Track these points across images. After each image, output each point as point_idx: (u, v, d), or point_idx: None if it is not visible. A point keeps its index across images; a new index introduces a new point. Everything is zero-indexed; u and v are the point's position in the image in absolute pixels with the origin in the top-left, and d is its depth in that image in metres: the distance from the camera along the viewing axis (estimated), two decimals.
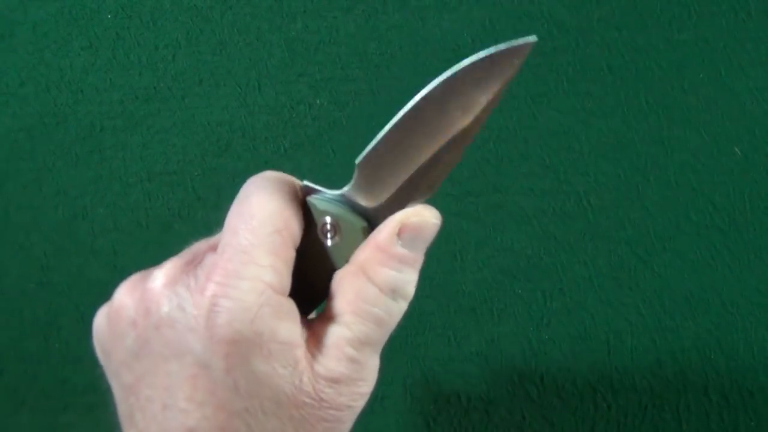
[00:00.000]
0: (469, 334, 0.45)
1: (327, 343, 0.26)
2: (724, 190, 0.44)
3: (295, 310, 0.27)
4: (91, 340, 0.30)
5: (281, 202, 0.27)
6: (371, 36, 0.47)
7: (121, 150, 0.49)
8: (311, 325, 0.27)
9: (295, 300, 0.27)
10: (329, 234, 0.28)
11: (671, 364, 0.44)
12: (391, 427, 0.46)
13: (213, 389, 0.25)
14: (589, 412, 0.44)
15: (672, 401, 0.43)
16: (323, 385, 0.26)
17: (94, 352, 0.31)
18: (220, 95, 0.48)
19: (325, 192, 0.28)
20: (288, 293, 0.27)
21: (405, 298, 0.27)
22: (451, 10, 0.46)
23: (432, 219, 0.27)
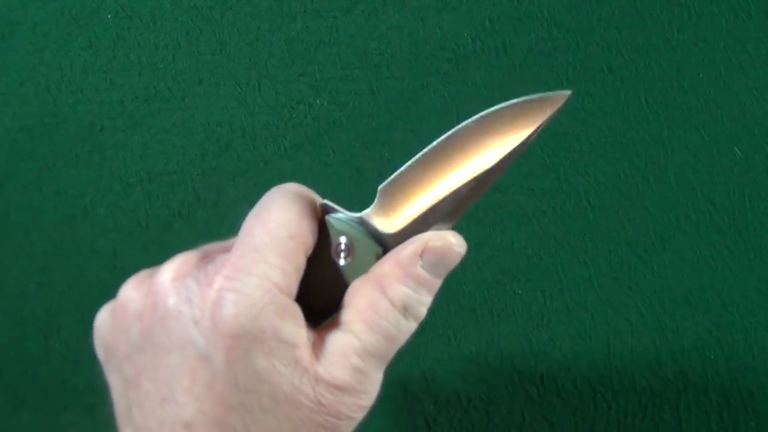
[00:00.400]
0: (469, 334, 0.45)
1: (334, 350, 0.27)
2: (724, 190, 0.44)
3: (300, 313, 0.27)
4: (92, 340, 0.30)
5: (299, 211, 0.27)
6: (371, 36, 0.47)
7: (121, 150, 0.49)
8: (319, 331, 0.28)
9: (302, 310, 0.27)
10: (343, 254, 0.29)
11: (671, 364, 0.44)
12: (391, 427, 0.46)
13: (212, 382, 0.25)
14: (589, 412, 0.44)
15: (672, 401, 0.43)
16: (324, 390, 0.26)
17: (94, 352, 0.31)
18: (220, 95, 0.48)
19: (344, 213, 0.29)
20: (294, 297, 0.27)
21: (416, 318, 0.28)
22: (451, 10, 0.46)
23: (456, 247, 0.28)
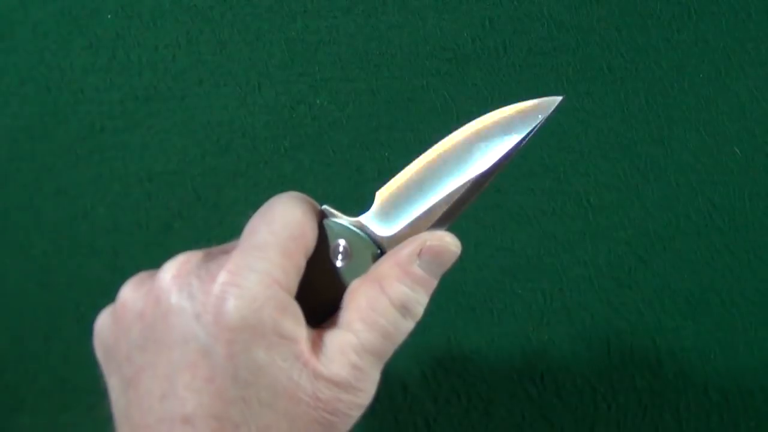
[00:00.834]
0: (469, 334, 0.45)
1: (332, 347, 0.27)
2: (724, 190, 0.44)
3: (300, 311, 0.27)
4: (92, 339, 0.30)
5: (302, 214, 0.28)
6: (371, 36, 0.47)
7: (121, 150, 0.49)
8: (318, 329, 0.28)
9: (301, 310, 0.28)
10: (341, 256, 0.30)
11: (671, 364, 0.44)
12: (391, 427, 0.46)
13: (212, 376, 0.26)
14: (589, 412, 0.44)
15: (672, 401, 0.43)
16: (322, 386, 0.26)
17: (94, 352, 0.31)
18: (220, 95, 0.48)
19: (342, 217, 0.30)
20: (294, 296, 0.28)
21: (414, 317, 0.29)
22: (451, 10, 0.46)
23: (452, 246, 0.29)
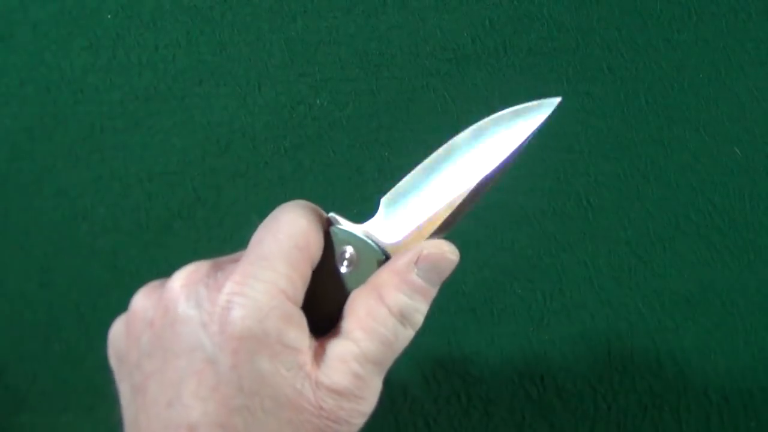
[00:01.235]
0: (469, 334, 0.45)
1: (334, 356, 0.27)
2: (724, 190, 0.44)
3: (305, 321, 0.28)
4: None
5: (308, 224, 0.28)
6: (371, 36, 0.47)
7: (121, 150, 0.49)
8: (320, 339, 0.28)
9: (306, 318, 0.28)
10: (346, 263, 0.30)
11: (671, 364, 0.44)
12: (391, 427, 0.46)
13: (216, 385, 0.26)
14: (589, 412, 0.44)
15: (672, 401, 0.43)
16: (325, 395, 0.27)
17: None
18: (220, 95, 0.48)
19: (348, 224, 0.30)
20: (300, 306, 0.28)
21: (413, 326, 0.29)
22: (451, 10, 0.46)
23: (450, 254, 0.29)
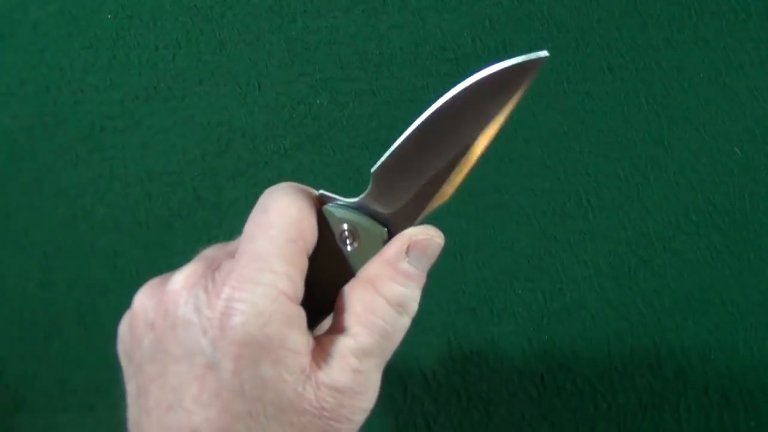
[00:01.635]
0: (469, 334, 0.45)
1: (332, 354, 0.27)
2: (724, 190, 0.44)
3: (305, 319, 0.27)
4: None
5: (298, 212, 0.28)
6: (371, 36, 0.47)
7: (121, 150, 0.49)
8: (319, 338, 0.28)
9: (306, 309, 0.28)
10: (348, 240, 0.29)
11: (671, 364, 0.44)
12: (392, 427, 0.46)
13: (218, 391, 0.26)
14: (589, 412, 0.44)
15: (672, 401, 0.43)
16: (325, 394, 0.27)
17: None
18: (220, 95, 0.48)
19: (341, 200, 0.29)
20: (301, 301, 0.28)
21: (409, 314, 0.29)
22: (451, 10, 0.46)
23: (437, 238, 0.29)
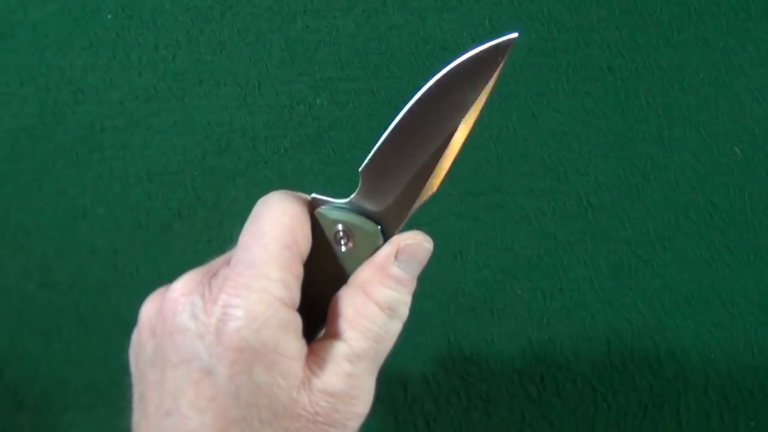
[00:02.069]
0: (469, 334, 0.45)
1: (326, 358, 0.28)
2: (724, 190, 0.44)
3: (300, 325, 0.28)
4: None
5: (291, 219, 0.28)
6: (371, 36, 0.47)
7: (121, 150, 0.49)
8: (312, 344, 0.28)
9: (305, 317, 0.28)
10: (342, 241, 0.29)
11: (671, 364, 0.44)
12: (392, 427, 0.46)
13: (214, 396, 0.26)
14: (589, 412, 0.44)
15: (672, 401, 0.43)
16: (319, 398, 0.27)
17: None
18: (220, 95, 0.48)
19: (333, 201, 0.29)
20: (297, 307, 0.28)
21: (400, 318, 0.29)
22: (451, 10, 0.46)
23: (425, 243, 0.29)
